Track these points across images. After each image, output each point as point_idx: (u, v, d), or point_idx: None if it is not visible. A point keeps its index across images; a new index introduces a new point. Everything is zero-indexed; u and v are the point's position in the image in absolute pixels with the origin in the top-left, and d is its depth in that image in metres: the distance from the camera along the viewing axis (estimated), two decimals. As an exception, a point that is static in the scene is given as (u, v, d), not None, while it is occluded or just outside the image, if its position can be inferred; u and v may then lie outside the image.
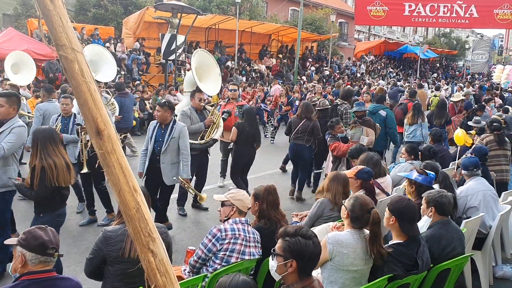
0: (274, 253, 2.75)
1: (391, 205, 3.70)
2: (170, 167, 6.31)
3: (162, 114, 6.31)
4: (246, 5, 29.47)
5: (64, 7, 1.59)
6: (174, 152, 6.34)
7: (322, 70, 30.38)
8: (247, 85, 20.30)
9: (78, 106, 1.67)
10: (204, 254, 3.83)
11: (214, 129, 7.54)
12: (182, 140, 6.34)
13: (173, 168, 6.36)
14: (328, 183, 4.89)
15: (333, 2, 42.78)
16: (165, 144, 6.25)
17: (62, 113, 6.94)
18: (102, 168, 1.65)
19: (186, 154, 6.38)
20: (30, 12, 21.42)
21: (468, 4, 25.25)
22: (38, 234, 2.80)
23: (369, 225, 3.50)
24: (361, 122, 8.09)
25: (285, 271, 2.67)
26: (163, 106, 6.34)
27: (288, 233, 2.73)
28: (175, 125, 6.35)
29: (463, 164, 5.76)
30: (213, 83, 8.38)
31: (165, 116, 6.32)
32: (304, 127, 8.10)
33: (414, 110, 9.98)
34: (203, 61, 8.38)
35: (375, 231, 3.48)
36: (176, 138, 6.28)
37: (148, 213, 1.71)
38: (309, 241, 2.68)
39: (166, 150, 6.26)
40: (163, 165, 6.27)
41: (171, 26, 18.10)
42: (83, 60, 1.61)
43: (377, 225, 3.50)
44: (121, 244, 3.44)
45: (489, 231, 5.26)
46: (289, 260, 2.66)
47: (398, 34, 55.69)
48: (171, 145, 6.28)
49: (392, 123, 9.05)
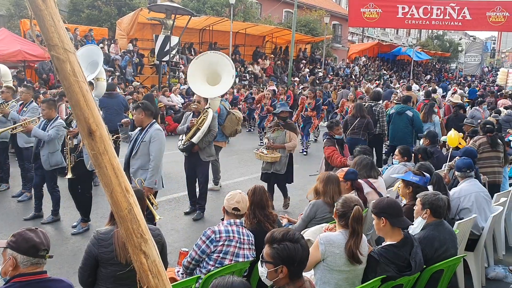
0: (263, 260, 2.70)
1: (374, 208, 3.72)
2: (139, 173, 5.80)
3: (137, 117, 5.87)
4: (240, 6, 29.47)
5: (56, 7, 1.58)
6: (146, 157, 5.80)
7: (316, 72, 30.43)
8: (241, 86, 20.31)
9: (70, 107, 1.66)
10: (198, 255, 3.82)
11: (194, 132, 7.17)
12: (153, 145, 5.75)
13: (144, 174, 5.80)
14: (323, 186, 4.88)
15: (327, 4, 42.89)
16: (135, 148, 5.83)
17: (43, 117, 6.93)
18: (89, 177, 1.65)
19: (153, 160, 5.75)
20: (23, 12, 21.29)
21: (461, 6, 25.45)
22: (29, 236, 2.77)
23: (349, 221, 3.49)
24: (284, 124, 7.61)
25: (276, 276, 2.64)
26: (136, 109, 5.92)
27: (275, 239, 2.67)
28: (150, 129, 5.85)
29: (457, 165, 5.78)
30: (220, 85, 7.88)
31: (140, 119, 5.85)
32: (359, 123, 9.30)
33: (426, 109, 10.84)
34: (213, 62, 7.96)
35: (354, 227, 3.47)
36: (146, 142, 5.76)
37: (140, 214, 1.71)
38: (297, 245, 2.64)
39: (136, 154, 5.81)
40: (133, 170, 5.84)
41: (165, 27, 18.06)
42: (75, 60, 1.60)
43: (357, 222, 3.48)
44: (113, 246, 3.42)
45: (482, 232, 5.29)
46: (279, 266, 2.61)
47: (392, 36, 55.90)
48: (142, 149, 5.79)
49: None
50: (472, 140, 7.52)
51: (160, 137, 5.82)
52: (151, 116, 5.93)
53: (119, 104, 9.88)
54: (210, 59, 7.93)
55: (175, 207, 7.85)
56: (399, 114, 9.96)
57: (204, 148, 7.29)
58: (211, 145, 7.49)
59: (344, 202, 3.67)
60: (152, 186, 5.76)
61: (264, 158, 7.42)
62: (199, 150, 7.26)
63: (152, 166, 5.73)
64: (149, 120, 5.88)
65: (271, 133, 7.61)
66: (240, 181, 9.77)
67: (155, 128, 5.86)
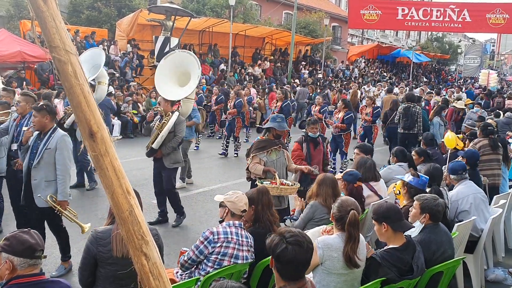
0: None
1: (374, 214, 3.72)
2: (44, 185, 5.12)
3: (40, 120, 5.14)
4: (240, 8, 29.45)
5: (57, 8, 1.58)
6: (51, 167, 5.14)
7: (316, 73, 30.44)
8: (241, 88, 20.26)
9: (71, 108, 1.66)
10: (195, 255, 3.82)
11: (155, 137, 6.73)
12: (60, 153, 5.13)
13: (49, 186, 5.13)
14: (317, 188, 4.86)
15: (326, 6, 42.90)
16: (37, 156, 5.11)
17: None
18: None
19: (63, 170, 5.15)
20: (23, 13, 21.26)
21: (461, 8, 25.48)
22: (24, 238, 2.75)
23: (346, 225, 3.48)
24: (281, 143, 6.26)
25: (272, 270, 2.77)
26: (40, 111, 5.15)
27: (281, 233, 2.75)
28: (54, 134, 5.18)
29: (452, 168, 5.73)
30: (188, 86, 7.33)
31: (43, 123, 5.16)
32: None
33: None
34: (182, 62, 7.40)
35: (350, 232, 3.46)
36: (51, 150, 5.11)
37: (141, 216, 1.71)
38: (291, 247, 2.64)
39: (39, 164, 5.11)
40: (35, 182, 5.12)
41: (164, 28, 18.06)
42: (77, 62, 1.60)
43: (354, 226, 3.47)
44: (110, 239, 3.40)
45: (481, 234, 5.29)
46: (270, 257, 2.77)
47: (391, 38, 55.92)
48: (46, 158, 5.12)
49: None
50: (472, 143, 7.52)
51: (67, 143, 5.26)
52: (53, 120, 5.33)
53: (105, 107, 9.79)
54: (179, 58, 7.43)
55: (174, 209, 7.83)
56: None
57: (169, 154, 6.80)
58: (177, 151, 6.94)
59: (340, 206, 3.64)
60: (67, 198, 5.21)
61: (286, 192, 5.81)
62: (162, 156, 6.80)
63: (63, 177, 5.16)
64: (52, 124, 5.26)
65: (267, 155, 6.02)
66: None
67: (61, 134, 5.25)
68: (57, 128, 5.30)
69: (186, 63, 7.31)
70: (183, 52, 7.95)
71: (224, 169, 11.21)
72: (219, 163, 11.82)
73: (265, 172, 5.90)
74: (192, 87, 7.34)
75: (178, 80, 7.33)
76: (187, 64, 7.30)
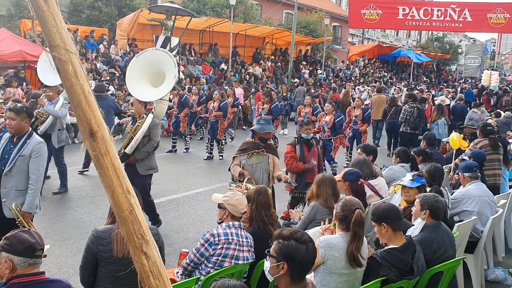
0: (269, 254, 2.78)
1: (374, 216, 3.71)
2: (13, 194, 4.75)
3: (17, 123, 4.77)
4: (240, 8, 29.45)
5: (58, 8, 1.58)
6: (23, 176, 4.77)
7: (316, 73, 30.44)
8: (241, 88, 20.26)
9: (72, 107, 1.66)
10: (197, 258, 3.81)
11: (128, 141, 6.28)
12: (34, 161, 4.76)
13: (19, 196, 4.76)
14: (317, 189, 4.82)
15: (327, 5, 42.89)
16: (10, 163, 4.73)
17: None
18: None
19: (35, 180, 4.77)
20: (24, 13, 21.25)
21: (461, 8, 25.42)
22: (23, 237, 2.75)
23: (351, 225, 3.48)
24: (265, 146, 6.03)
25: (277, 272, 2.70)
26: (19, 113, 4.78)
27: (282, 235, 2.75)
28: (30, 140, 4.82)
29: (466, 166, 5.71)
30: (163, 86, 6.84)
31: (21, 126, 4.80)
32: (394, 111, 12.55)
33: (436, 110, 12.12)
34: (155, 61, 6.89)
35: (355, 231, 3.46)
36: (26, 157, 4.74)
37: (141, 215, 1.71)
38: (302, 246, 2.69)
39: (11, 171, 4.74)
40: (4, 191, 4.74)
41: (165, 28, 18.03)
42: (77, 61, 1.60)
43: (359, 226, 3.47)
44: (111, 239, 3.40)
45: (481, 234, 5.28)
46: (281, 262, 2.68)
47: (392, 38, 55.89)
48: (19, 165, 4.75)
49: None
50: (472, 143, 7.51)
51: (43, 152, 4.88)
52: (29, 124, 4.97)
53: (108, 106, 9.75)
54: (153, 57, 6.91)
55: (174, 208, 7.85)
56: None
57: (143, 159, 6.36)
58: (152, 157, 6.51)
59: (344, 205, 3.64)
60: (33, 211, 4.80)
61: None
62: (136, 162, 6.34)
63: (34, 187, 4.77)
64: (28, 128, 4.90)
65: (247, 158, 5.90)
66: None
67: (37, 141, 4.86)
68: (33, 134, 4.95)
69: (160, 62, 6.81)
70: (158, 50, 7.49)
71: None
72: (215, 164, 11.81)
73: (241, 175, 5.78)
74: (168, 87, 6.88)
75: (151, 80, 6.83)
76: (162, 63, 6.80)
